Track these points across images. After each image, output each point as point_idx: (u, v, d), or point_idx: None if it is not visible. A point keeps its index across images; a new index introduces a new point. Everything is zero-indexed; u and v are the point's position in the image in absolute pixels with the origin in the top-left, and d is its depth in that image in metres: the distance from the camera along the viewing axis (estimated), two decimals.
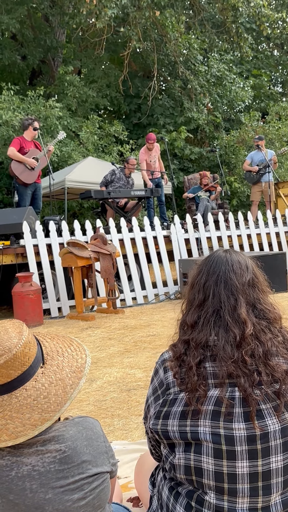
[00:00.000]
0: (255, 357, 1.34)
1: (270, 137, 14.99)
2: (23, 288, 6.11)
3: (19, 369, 1.21)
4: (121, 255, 7.40)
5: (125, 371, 4.07)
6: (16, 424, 1.19)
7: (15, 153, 7.53)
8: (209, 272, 1.46)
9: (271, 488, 1.31)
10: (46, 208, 12.04)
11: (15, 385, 1.22)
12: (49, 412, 1.21)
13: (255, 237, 8.87)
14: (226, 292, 1.42)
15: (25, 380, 1.23)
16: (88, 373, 3.97)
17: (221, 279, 1.43)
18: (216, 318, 1.40)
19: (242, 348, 1.34)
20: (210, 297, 1.43)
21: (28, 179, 7.63)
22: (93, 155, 12.66)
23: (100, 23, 11.79)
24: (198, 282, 1.48)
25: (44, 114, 12.09)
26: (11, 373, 1.20)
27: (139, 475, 1.80)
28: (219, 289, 1.42)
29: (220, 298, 1.41)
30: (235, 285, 1.42)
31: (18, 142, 7.64)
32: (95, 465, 1.25)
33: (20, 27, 13.89)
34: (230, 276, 1.43)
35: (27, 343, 1.23)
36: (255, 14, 14.18)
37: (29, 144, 7.73)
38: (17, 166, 7.56)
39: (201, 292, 1.45)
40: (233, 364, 1.32)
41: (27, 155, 7.60)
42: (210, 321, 1.40)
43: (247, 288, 1.43)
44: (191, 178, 10.37)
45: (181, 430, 1.34)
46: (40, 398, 1.22)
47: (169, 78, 16.58)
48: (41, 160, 7.74)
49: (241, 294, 1.41)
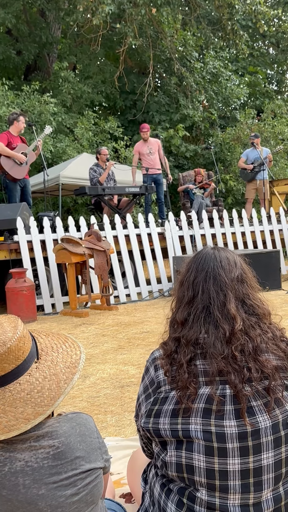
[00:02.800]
0: (245, 353, 1.35)
1: (265, 135, 15.00)
2: (16, 284, 6.10)
3: (13, 363, 1.22)
4: (115, 252, 7.40)
5: (119, 368, 4.08)
6: (9, 418, 1.19)
7: (4, 148, 7.44)
8: (198, 269, 1.47)
9: (262, 485, 1.31)
10: (40, 204, 12.02)
11: (9, 379, 1.22)
12: (42, 407, 1.22)
13: (249, 235, 8.90)
14: (215, 288, 1.42)
15: (19, 374, 1.23)
16: (82, 369, 3.98)
17: (210, 275, 1.44)
18: (206, 314, 1.41)
19: (232, 344, 1.35)
20: (199, 294, 1.43)
21: (18, 175, 7.59)
22: (87, 151, 12.62)
23: (97, 19, 11.75)
24: (187, 280, 1.48)
25: (39, 110, 12.05)
26: (5, 367, 1.21)
27: (131, 471, 1.81)
28: (208, 285, 1.43)
29: (209, 294, 1.42)
30: (223, 281, 1.43)
31: (5, 137, 7.55)
32: (88, 461, 1.26)
33: (15, 22, 13.82)
34: (218, 272, 1.44)
35: (22, 337, 1.24)
36: (251, 12, 14.18)
37: (16, 139, 7.68)
38: (6, 162, 7.49)
39: (190, 289, 1.45)
40: (223, 360, 1.33)
41: (16, 150, 7.54)
42: (200, 317, 1.40)
43: (236, 284, 1.44)
44: (186, 175, 10.37)
45: (172, 428, 1.34)
46: (33, 393, 1.23)
47: (165, 74, 16.56)
48: (29, 155, 7.70)
49: (230, 290, 1.42)
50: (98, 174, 8.52)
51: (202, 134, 16.45)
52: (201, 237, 8.40)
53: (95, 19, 11.79)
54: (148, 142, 9.20)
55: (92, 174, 8.57)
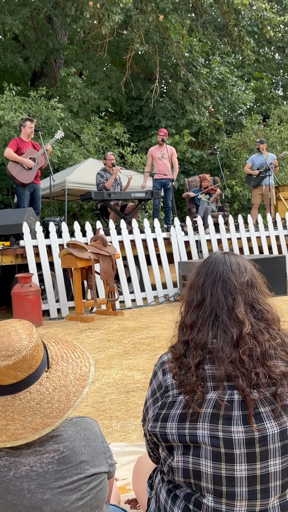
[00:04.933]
0: (253, 357, 1.34)
1: (271, 140, 15.00)
2: (22, 289, 6.11)
3: (26, 371, 1.21)
4: (121, 257, 7.40)
5: (124, 373, 4.07)
6: (17, 426, 1.19)
7: (11, 153, 7.55)
8: (207, 272, 1.46)
9: (269, 492, 1.30)
10: (46, 209, 12.04)
11: (20, 387, 1.22)
12: (51, 418, 1.21)
13: (255, 240, 8.88)
14: (224, 291, 1.41)
15: (30, 383, 1.23)
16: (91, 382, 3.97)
17: (219, 279, 1.43)
18: (214, 318, 1.40)
19: (240, 348, 1.34)
20: (208, 297, 1.42)
21: (26, 179, 7.64)
22: (94, 157, 12.65)
23: (105, 28, 11.79)
24: (196, 283, 1.47)
25: (46, 115, 12.10)
26: (18, 375, 1.21)
27: (137, 477, 1.80)
28: (217, 289, 1.42)
29: (218, 298, 1.41)
30: (233, 285, 1.42)
31: (15, 143, 7.68)
32: (93, 466, 1.25)
33: (22, 28, 13.91)
34: (228, 276, 1.43)
35: (36, 346, 1.24)
36: (257, 18, 14.19)
37: (26, 145, 7.75)
38: (14, 167, 7.58)
39: (199, 293, 1.45)
40: (231, 364, 1.32)
41: (24, 155, 7.61)
42: (209, 321, 1.40)
43: (246, 288, 1.43)
44: (191, 180, 10.38)
45: (179, 433, 1.33)
46: (43, 403, 1.22)
47: (171, 80, 16.59)
48: (38, 160, 7.74)
49: (239, 294, 1.41)
50: (105, 180, 8.53)
51: (208, 139, 16.46)
52: (206, 242, 8.39)
53: (103, 28, 11.83)
54: (162, 147, 9.24)
55: (98, 179, 8.59)
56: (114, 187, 8.61)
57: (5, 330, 1.25)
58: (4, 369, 1.18)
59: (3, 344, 1.20)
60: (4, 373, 1.19)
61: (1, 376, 1.20)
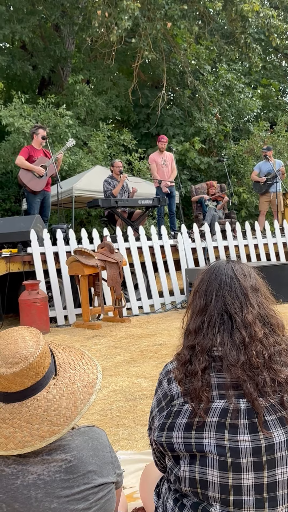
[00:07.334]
0: (260, 360, 1.34)
1: (279, 147, 14.99)
2: (29, 296, 6.12)
3: (33, 378, 1.21)
4: (128, 264, 7.40)
5: (131, 380, 4.06)
6: (24, 434, 1.19)
7: (23, 161, 7.61)
8: (210, 278, 1.47)
9: (277, 500, 1.29)
10: (53, 216, 12.08)
11: (27, 394, 1.22)
12: (58, 425, 1.21)
13: (262, 247, 8.85)
14: (231, 295, 1.42)
15: (37, 390, 1.23)
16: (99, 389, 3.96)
17: (225, 283, 1.44)
18: (221, 322, 1.40)
19: (248, 351, 1.34)
20: (212, 301, 1.43)
21: (36, 187, 7.69)
22: (101, 164, 12.70)
23: (113, 36, 11.86)
24: (200, 289, 1.48)
25: (54, 122, 12.16)
26: (24, 382, 1.21)
27: (144, 485, 1.79)
28: (223, 293, 1.42)
29: (224, 301, 1.41)
30: (239, 288, 1.43)
31: (26, 151, 7.74)
32: (101, 475, 1.25)
33: (31, 36, 14.03)
34: (234, 281, 1.44)
35: (43, 353, 1.23)
36: (264, 25, 14.23)
37: (38, 153, 7.80)
38: (25, 174, 7.63)
39: (202, 298, 1.45)
40: (239, 368, 1.32)
41: (35, 163, 7.66)
42: (216, 324, 1.40)
43: (251, 292, 1.44)
44: (198, 187, 10.39)
45: (185, 442, 1.33)
46: (50, 410, 1.22)
47: (178, 88, 16.63)
48: (49, 168, 7.78)
49: (246, 297, 1.42)
50: (112, 187, 8.55)
51: (215, 146, 16.48)
52: (213, 249, 8.37)
53: (112, 35, 11.90)
54: (163, 154, 9.28)
55: (106, 186, 8.61)
56: (121, 194, 8.62)
57: (12, 337, 1.25)
58: (11, 376, 1.18)
59: (10, 352, 1.21)
60: (11, 380, 1.19)
61: (8, 383, 1.20)
